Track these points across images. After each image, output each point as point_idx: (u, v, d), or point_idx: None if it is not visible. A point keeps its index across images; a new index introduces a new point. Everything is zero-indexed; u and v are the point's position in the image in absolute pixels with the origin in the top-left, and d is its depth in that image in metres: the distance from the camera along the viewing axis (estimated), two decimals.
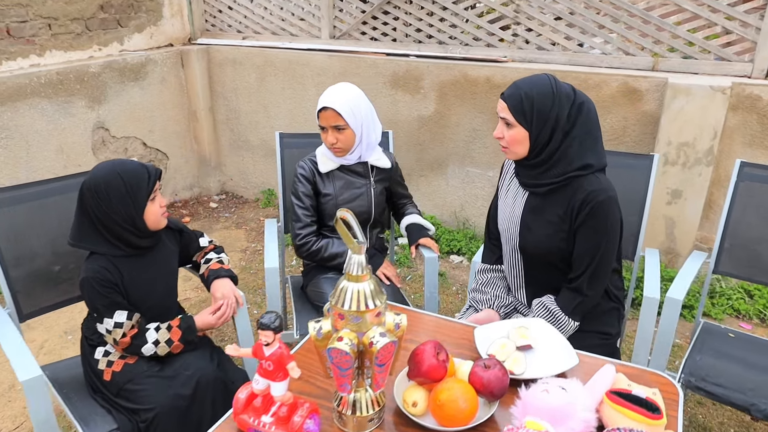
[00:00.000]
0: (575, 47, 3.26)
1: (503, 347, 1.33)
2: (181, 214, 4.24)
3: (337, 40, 3.90)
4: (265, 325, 1.02)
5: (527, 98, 1.52)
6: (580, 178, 1.56)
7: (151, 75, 3.88)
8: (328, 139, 1.98)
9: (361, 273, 1.05)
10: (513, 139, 1.57)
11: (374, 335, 1.04)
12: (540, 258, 1.68)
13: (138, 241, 1.59)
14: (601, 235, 1.57)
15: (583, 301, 1.62)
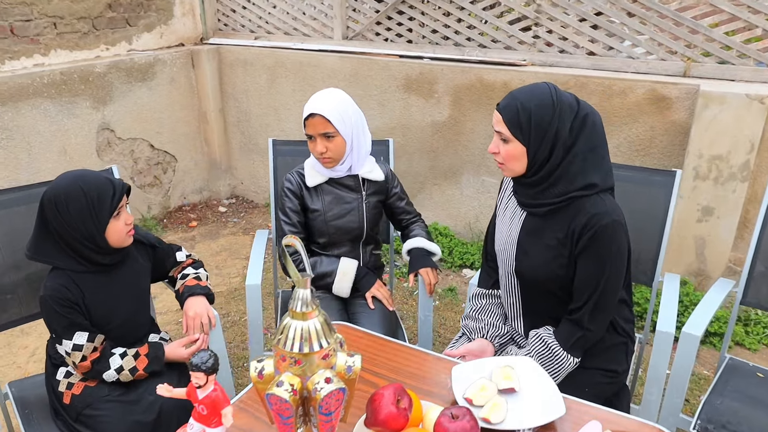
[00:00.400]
0: (601, 50, 3.08)
1: (483, 390, 1.21)
2: (189, 218, 4.21)
3: (349, 41, 3.81)
4: (195, 366, 0.92)
5: (524, 110, 1.39)
6: (582, 199, 1.42)
7: (159, 75, 3.86)
8: (317, 148, 1.86)
9: (307, 309, 0.94)
10: (509, 155, 1.44)
11: (319, 380, 0.93)
12: (538, 285, 1.54)
13: (99, 258, 1.51)
14: (604, 264, 1.42)
15: (585, 336, 1.48)
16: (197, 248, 3.80)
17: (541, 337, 1.51)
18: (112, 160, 3.69)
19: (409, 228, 2.14)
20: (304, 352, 0.93)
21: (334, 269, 1.93)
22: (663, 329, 1.64)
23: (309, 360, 0.94)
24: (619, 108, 2.95)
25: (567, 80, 3.02)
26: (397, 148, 3.68)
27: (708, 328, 2.74)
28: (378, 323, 1.89)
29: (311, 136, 1.86)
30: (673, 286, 1.90)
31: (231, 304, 3.13)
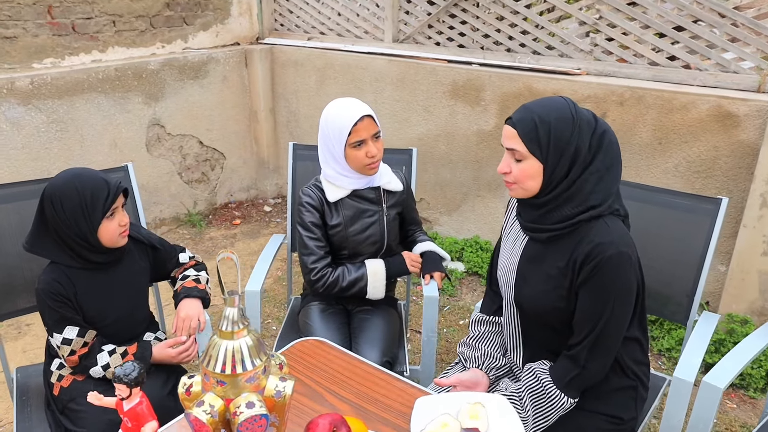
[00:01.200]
0: (664, 61, 2.89)
1: (444, 427, 1.15)
2: (234, 215, 4.34)
3: (400, 44, 3.79)
4: (118, 377, 0.94)
5: (543, 124, 1.30)
6: (587, 225, 1.34)
7: (212, 73, 4.01)
8: (371, 151, 1.83)
9: (235, 329, 0.93)
10: (524, 174, 1.34)
11: (240, 404, 0.92)
12: (537, 316, 1.46)
13: (92, 257, 1.58)
14: (606, 299, 1.32)
15: (581, 374, 1.38)
16: (237, 246, 3.91)
17: (534, 373, 1.43)
18: (161, 155, 3.88)
19: (414, 236, 2.12)
20: (227, 373, 0.92)
21: (364, 273, 1.91)
22: (681, 376, 1.51)
23: (233, 381, 0.93)
24: (680, 124, 2.75)
25: (623, 92, 2.86)
26: (440, 156, 3.62)
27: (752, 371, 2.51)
28: (377, 340, 1.86)
29: (360, 142, 1.83)
30: (706, 327, 1.75)
31: None
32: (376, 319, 1.95)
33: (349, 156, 1.85)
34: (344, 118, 1.81)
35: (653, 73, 2.93)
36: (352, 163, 1.86)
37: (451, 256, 3.59)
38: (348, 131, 1.81)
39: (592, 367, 1.37)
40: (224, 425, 0.96)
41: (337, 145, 1.84)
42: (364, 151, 1.83)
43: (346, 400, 1.29)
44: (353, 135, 1.81)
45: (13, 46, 3.22)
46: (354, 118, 1.80)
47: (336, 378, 1.36)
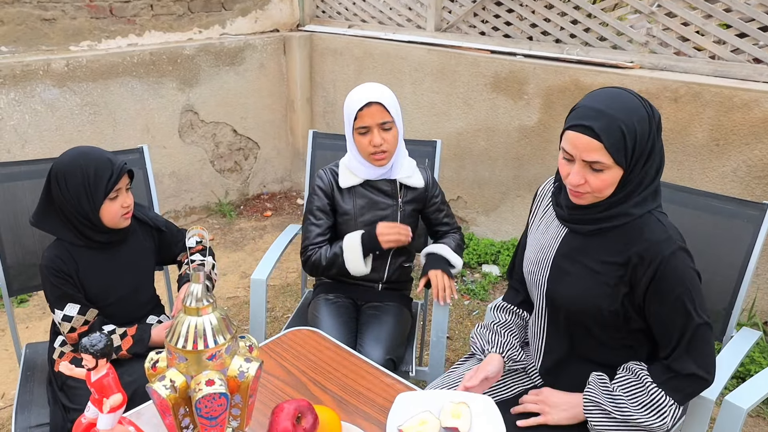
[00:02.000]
0: (728, 54, 2.78)
1: (422, 424, 1.16)
2: (265, 207, 4.45)
3: (442, 33, 3.79)
4: (84, 347, 0.99)
5: (629, 131, 1.22)
6: (640, 220, 1.31)
7: (248, 60, 4.12)
8: (374, 140, 1.85)
9: (199, 305, 0.97)
10: (604, 184, 1.27)
11: (201, 381, 0.96)
12: (572, 315, 1.41)
13: (95, 236, 1.66)
14: (685, 299, 1.28)
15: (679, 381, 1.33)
16: (266, 238, 4.00)
17: (633, 370, 1.38)
18: (193, 142, 4.01)
19: (445, 234, 2.10)
20: (189, 349, 0.96)
21: (340, 247, 1.90)
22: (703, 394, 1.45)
23: (195, 358, 0.97)
24: (740, 124, 2.63)
25: (678, 87, 2.77)
26: (479, 153, 3.60)
27: None
28: (382, 338, 1.87)
29: (365, 129, 1.85)
30: (742, 343, 1.68)
31: (279, 299, 3.26)
32: (385, 317, 1.96)
33: (357, 142, 1.89)
34: (353, 102, 1.85)
35: (714, 67, 2.82)
36: (360, 149, 1.90)
37: (487, 259, 3.56)
38: (353, 116, 1.84)
39: (697, 370, 1.32)
40: (186, 402, 1.00)
41: (348, 128, 1.89)
42: (369, 139, 1.85)
43: (328, 391, 1.31)
44: (358, 120, 1.84)
45: (52, 28, 3.41)
46: (360, 102, 1.83)
47: (322, 369, 1.39)
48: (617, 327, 1.38)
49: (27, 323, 3.03)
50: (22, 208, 1.91)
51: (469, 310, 3.17)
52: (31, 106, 3.26)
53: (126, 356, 1.68)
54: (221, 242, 3.96)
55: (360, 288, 2.03)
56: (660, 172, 1.33)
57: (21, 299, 3.20)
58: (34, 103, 3.26)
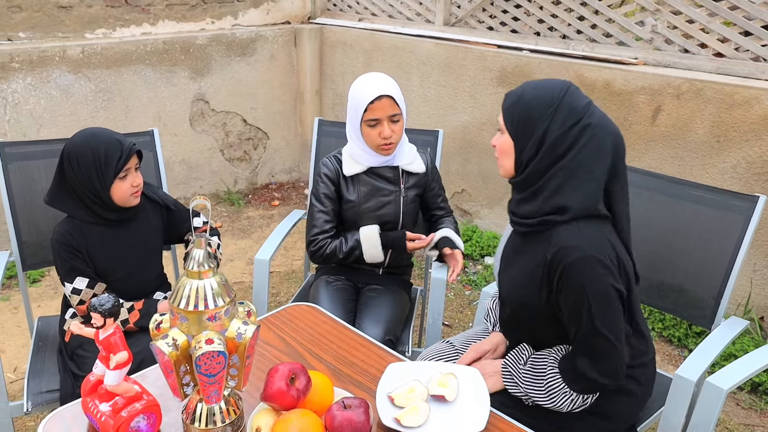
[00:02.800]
0: (731, 52, 2.81)
1: (410, 392, 1.22)
2: (273, 196, 4.52)
3: (451, 27, 3.84)
4: (93, 307, 1.06)
5: (520, 101, 1.36)
6: (557, 227, 1.33)
7: (260, 51, 4.19)
8: (384, 132, 1.92)
9: (201, 269, 1.04)
10: (501, 149, 1.42)
11: (201, 340, 1.03)
12: (511, 307, 1.50)
13: (105, 213, 1.73)
14: (580, 302, 1.31)
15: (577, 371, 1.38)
16: (272, 227, 4.08)
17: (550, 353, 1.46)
18: (203, 131, 4.10)
19: (438, 223, 2.16)
20: (190, 309, 1.03)
21: (358, 240, 2.00)
22: (683, 374, 1.50)
23: (196, 319, 1.04)
24: (741, 121, 2.67)
25: (680, 84, 2.80)
26: (485, 146, 3.65)
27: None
28: (381, 318, 1.94)
29: (375, 122, 1.91)
30: (728, 330, 1.72)
31: (284, 285, 3.34)
32: (384, 298, 2.03)
33: (364, 133, 1.94)
34: (363, 94, 1.90)
35: (717, 65, 2.85)
36: (367, 139, 1.95)
37: (490, 252, 3.62)
38: (364, 108, 1.89)
39: (593, 370, 1.35)
40: (186, 360, 1.07)
41: (355, 120, 1.94)
42: (378, 131, 1.91)
43: (323, 360, 1.38)
44: (369, 113, 1.90)
45: (68, 15, 3.50)
46: (371, 96, 1.88)
47: (319, 341, 1.45)
48: (550, 321, 1.43)
49: (39, 302, 3.12)
50: (37, 186, 2.00)
51: (470, 300, 3.23)
52: (47, 91, 3.35)
53: (133, 329, 1.75)
54: (229, 229, 4.04)
55: (361, 272, 2.10)
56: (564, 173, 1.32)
57: (33, 279, 3.30)
58: (50, 89, 3.35)
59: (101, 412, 1.13)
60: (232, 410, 1.14)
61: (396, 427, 1.14)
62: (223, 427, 1.12)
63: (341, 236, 2.04)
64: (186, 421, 1.13)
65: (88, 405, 1.16)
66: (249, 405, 1.21)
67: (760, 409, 2.44)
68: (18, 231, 1.97)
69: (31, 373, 1.78)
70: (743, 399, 2.50)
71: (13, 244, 1.98)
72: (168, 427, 1.18)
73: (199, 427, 1.11)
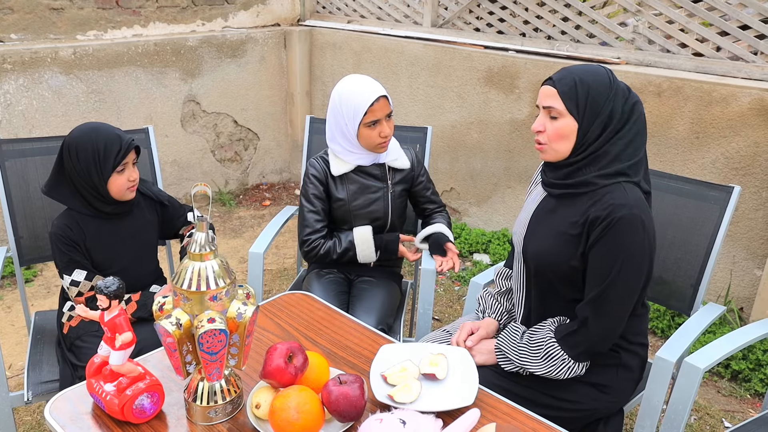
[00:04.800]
0: (710, 51, 2.91)
1: (403, 371, 1.28)
2: (264, 197, 4.57)
3: (438, 29, 3.92)
4: (99, 289, 1.11)
5: (582, 84, 1.41)
6: (604, 188, 1.43)
7: (250, 53, 4.24)
8: (384, 131, 1.98)
9: (203, 251, 1.09)
10: (558, 133, 1.44)
11: (203, 319, 1.08)
12: (540, 271, 1.55)
13: (102, 206, 1.78)
14: (613, 259, 1.40)
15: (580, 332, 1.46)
16: (263, 226, 4.11)
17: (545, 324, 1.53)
18: (195, 132, 4.14)
19: (431, 217, 2.22)
20: (193, 290, 1.08)
21: (352, 241, 2.06)
22: (662, 355, 1.57)
23: (199, 299, 1.09)
24: (719, 118, 2.76)
25: (660, 82, 2.89)
26: (472, 145, 3.72)
27: None
28: (374, 308, 1.99)
29: (375, 122, 1.97)
30: (706, 315, 1.80)
31: (276, 282, 3.38)
32: (376, 289, 2.08)
33: (362, 135, 1.99)
34: (361, 97, 1.95)
35: (696, 64, 2.95)
36: (364, 141, 2.00)
37: (478, 249, 3.69)
38: (364, 111, 1.94)
39: (593, 328, 1.44)
40: (189, 339, 1.12)
41: (350, 123, 1.99)
42: (378, 131, 1.97)
43: (318, 344, 1.43)
44: (369, 115, 1.95)
45: (60, 17, 3.54)
46: (371, 98, 1.94)
47: (314, 326, 1.51)
48: (575, 282, 1.50)
49: (32, 302, 3.15)
50: (33, 183, 2.04)
51: (459, 295, 3.30)
52: (39, 92, 3.38)
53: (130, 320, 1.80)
54: (221, 229, 4.08)
55: (353, 264, 2.15)
56: (624, 141, 1.43)
57: (26, 279, 3.32)
58: (42, 90, 3.38)
59: (106, 392, 1.17)
60: (232, 389, 1.19)
61: (389, 402, 1.20)
62: (223, 405, 1.17)
63: (334, 236, 2.09)
64: (188, 400, 1.18)
65: (93, 386, 1.20)
66: (248, 386, 1.26)
67: (740, 395, 2.52)
68: (15, 227, 2.01)
69: (30, 364, 1.82)
70: (724, 387, 2.58)
71: (10, 239, 2.01)
72: (170, 407, 1.23)
73: (200, 405, 1.16)
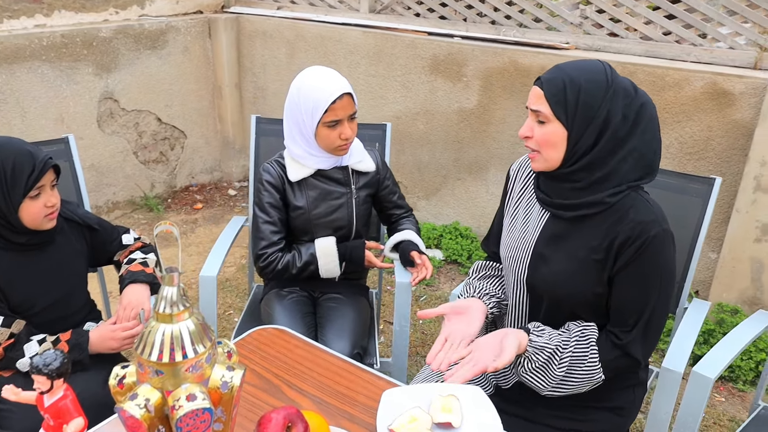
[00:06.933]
0: (657, 35, 2.87)
1: (412, 421, 1.10)
2: (195, 199, 4.23)
3: (376, 14, 3.71)
4: (36, 368, 0.86)
5: (572, 85, 1.22)
6: (624, 201, 1.27)
7: (171, 44, 3.88)
8: (345, 133, 1.75)
9: (174, 310, 0.86)
10: (546, 141, 1.26)
11: (180, 397, 0.85)
12: (554, 302, 1.37)
13: (14, 237, 1.48)
14: (652, 283, 1.27)
15: (623, 359, 1.31)
16: (198, 232, 3.81)
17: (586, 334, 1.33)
18: (114, 132, 3.75)
19: (398, 223, 2.05)
20: (165, 361, 0.85)
21: (313, 255, 1.85)
22: (670, 366, 1.48)
23: (173, 371, 0.86)
24: (672, 103, 2.73)
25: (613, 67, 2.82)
26: (419, 136, 3.56)
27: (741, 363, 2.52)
28: (346, 331, 1.80)
29: (336, 122, 1.74)
30: (696, 315, 1.72)
31: (219, 295, 3.10)
32: (345, 308, 1.89)
33: (320, 135, 1.77)
34: (322, 93, 1.72)
35: (646, 48, 2.90)
36: (322, 142, 1.78)
37: (429, 244, 3.55)
38: (324, 109, 1.72)
39: (638, 355, 1.30)
40: (162, 421, 0.89)
41: (308, 121, 1.76)
42: (338, 132, 1.76)
43: (306, 393, 1.22)
44: (329, 114, 1.73)
45: None
46: (333, 95, 1.71)
47: (296, 370, 1.30)
48: (597, 308, 1.36)
49: None
50: None
51: (417, 295, 3.15)
52: None
53: None
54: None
55: (317, 280, 1.93)
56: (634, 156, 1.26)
57: None
58: None
59: None
60: None
61: None
62: None
63: (293, 249, 1.87)
64: None
65: None
66: None
67: None
68: None
69: None
70: None
71: None
72: None
73: None
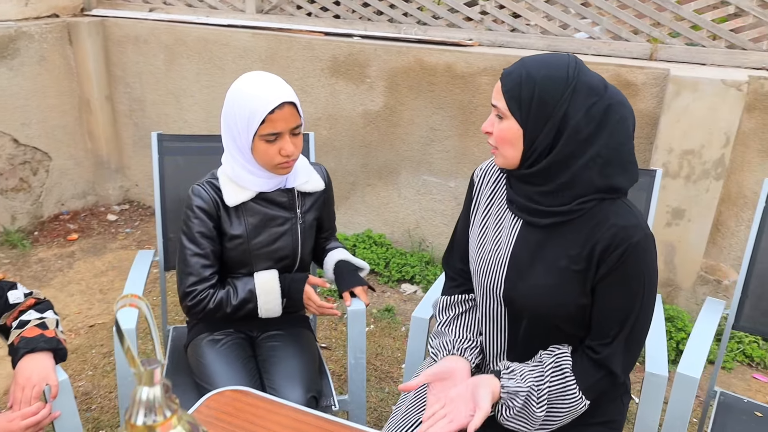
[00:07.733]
0: (557, 30, 2.89)
1: None
2: (68, 229, 3.71)
3: (264, 15, 3.45)
4: None
5: (528, 80, 1.14)
6: (603, 205, 1.18)
7: (24, 53, 3.36)
8: (286, 149, 1.50)
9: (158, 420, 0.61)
10: (502, 137, 1.19)
11: None
12: (534, 316, 1.26)
13: None
14: (635, 291, 1.19)
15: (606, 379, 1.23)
16: (77, 267, 3.33)
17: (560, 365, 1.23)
18: None
19: (325, 245, 1.86)
20: None
21: (252, 292, 1.60)
22: (654, 371, 1.42)
23: None
24: None
25: None
26: (322, 143, 3.36)
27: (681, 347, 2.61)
28: (296, 375, 1.58)
29: (275, 136, 1.49)
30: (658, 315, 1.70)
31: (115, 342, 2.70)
32: (290, 348, 1.65)
33: (257, 149, 1.52)
34: (258, 101, 1.46)
35: (547, 42, 2.92)
36: (260, 159, 1.53)
37: None
38: (261, 119, 1.46)
39: (619, 369, 1.23)
40: None
41: (243, 133, 1.50)
42: (278, 147, 1.51)
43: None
44: (267, 125, 1.47)
45: None
46: (272, 103, 1.46)
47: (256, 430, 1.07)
48: (581, 320, 1.27)
49: None
50: None
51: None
52: None
53: None
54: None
55: (254, 319, 1.67)
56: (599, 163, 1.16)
57: None
58: None
59: None
60: None
61: None
62: None
63: (228, 285, 1.61)
64: None
65: None
66: None
67: None
68: None
69: None
70: None
71: None
72: None
73: None
